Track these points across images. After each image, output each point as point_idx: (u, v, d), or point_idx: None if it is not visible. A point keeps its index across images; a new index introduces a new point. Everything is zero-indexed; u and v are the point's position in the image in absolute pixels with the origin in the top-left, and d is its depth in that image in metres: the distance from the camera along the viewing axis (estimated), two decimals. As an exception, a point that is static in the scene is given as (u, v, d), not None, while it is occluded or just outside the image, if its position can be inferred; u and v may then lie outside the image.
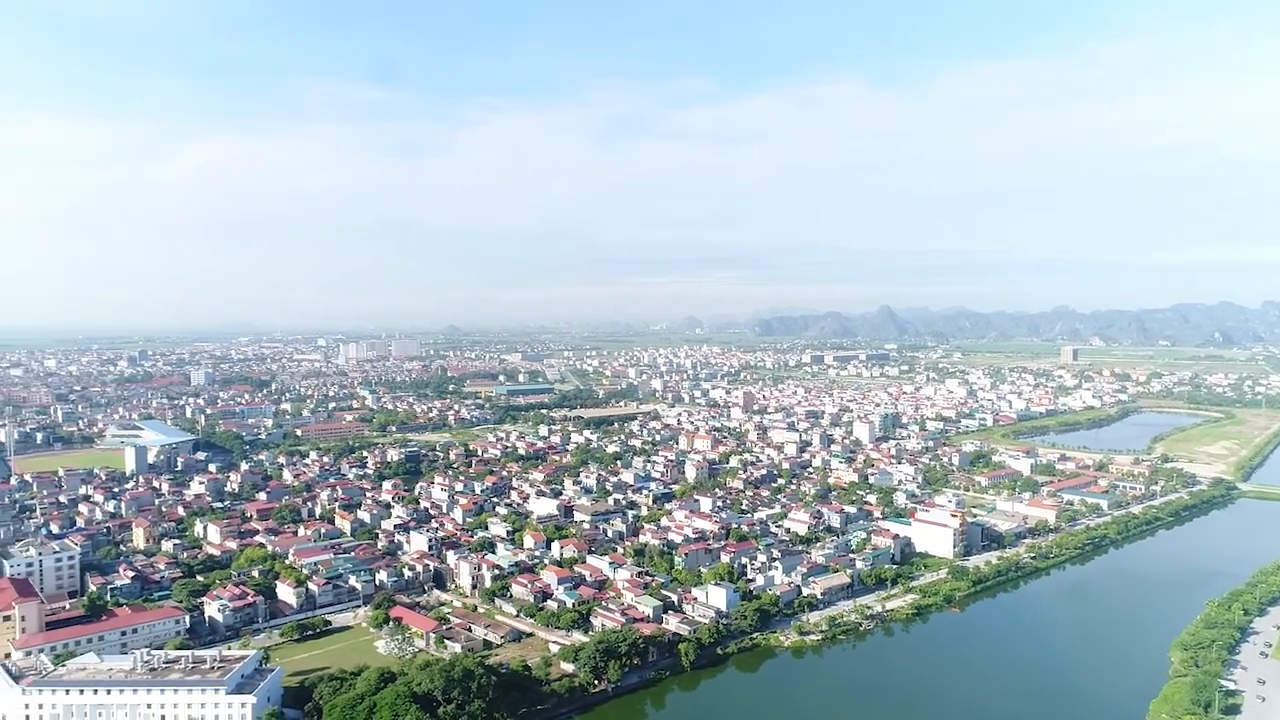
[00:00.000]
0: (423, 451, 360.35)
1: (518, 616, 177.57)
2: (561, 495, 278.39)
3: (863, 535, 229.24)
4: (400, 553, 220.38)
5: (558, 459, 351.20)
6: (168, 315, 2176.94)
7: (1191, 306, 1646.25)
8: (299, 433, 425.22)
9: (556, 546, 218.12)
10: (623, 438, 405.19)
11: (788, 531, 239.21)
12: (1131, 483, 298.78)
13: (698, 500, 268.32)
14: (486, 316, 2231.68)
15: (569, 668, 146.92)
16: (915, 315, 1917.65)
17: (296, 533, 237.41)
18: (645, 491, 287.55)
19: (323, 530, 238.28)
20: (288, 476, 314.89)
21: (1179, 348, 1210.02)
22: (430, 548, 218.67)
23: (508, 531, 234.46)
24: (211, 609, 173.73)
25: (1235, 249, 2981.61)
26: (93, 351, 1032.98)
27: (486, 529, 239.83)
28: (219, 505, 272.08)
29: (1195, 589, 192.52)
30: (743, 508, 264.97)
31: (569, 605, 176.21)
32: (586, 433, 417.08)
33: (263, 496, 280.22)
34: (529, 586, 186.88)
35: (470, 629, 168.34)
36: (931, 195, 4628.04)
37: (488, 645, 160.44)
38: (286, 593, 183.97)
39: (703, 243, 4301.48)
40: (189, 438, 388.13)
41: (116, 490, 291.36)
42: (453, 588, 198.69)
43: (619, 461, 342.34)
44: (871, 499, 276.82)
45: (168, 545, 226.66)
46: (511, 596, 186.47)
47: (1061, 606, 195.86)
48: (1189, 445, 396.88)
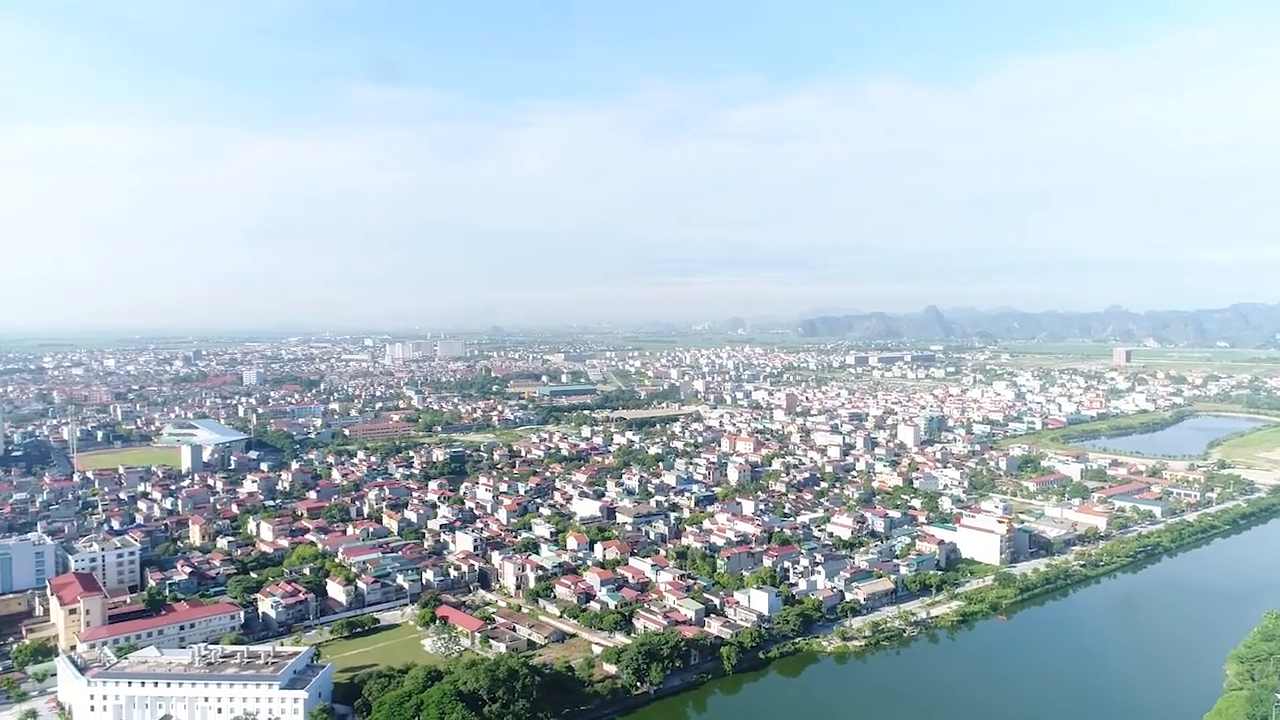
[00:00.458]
0: (467, 452, 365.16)
1: (561, 617, 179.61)
2: (604, 497, 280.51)
3: (907, 540, 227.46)
4: (446, 552, 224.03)
5: (600, 460, 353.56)
6: (220, 315, 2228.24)
7: (1252, 307, 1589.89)
8: (347, 432, 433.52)
9: (599, 548, 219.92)
10: (665, 439, 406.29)
11: (831, 536, 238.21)
12: (1186, 489, 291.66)
13: (740, 503, 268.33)
14: (530, 316, 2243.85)
15: (611, 669, 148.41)
16: (962, 315, 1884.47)
17: (345, 531, 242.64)
18: (687, 494, 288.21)
19: (371, 529, 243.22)
20: (336, 476, 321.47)
21: (1238, 349, 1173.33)
22: (475, 548, 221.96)
23: (551, 532, 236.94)
24: (265, 605, 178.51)
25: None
26: (149, 351, 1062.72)
27: (530, 530, 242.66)
28: (271, 503, 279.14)
29: (1252, 600, 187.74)
30: (785, 511, 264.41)
31: (612, 607, 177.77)
32: (629, 434, 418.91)
33: (313, 495, 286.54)
34: (572, 588, 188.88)
35: (515, 629, 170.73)
36: (979, 193, 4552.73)
37: (532, 645, 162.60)
38: (336, 590, 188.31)
39: (746, 242, 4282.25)
40: (242, 437, 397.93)
41: (173, 488, 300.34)
42: (497, 588, 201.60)
43: (661, 463, 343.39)
44: (916, 504, 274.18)
45: (222, 542, 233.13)
46: (555, 597, 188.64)
47: (1112, 616, 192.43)
48: (1247, 451, 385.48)
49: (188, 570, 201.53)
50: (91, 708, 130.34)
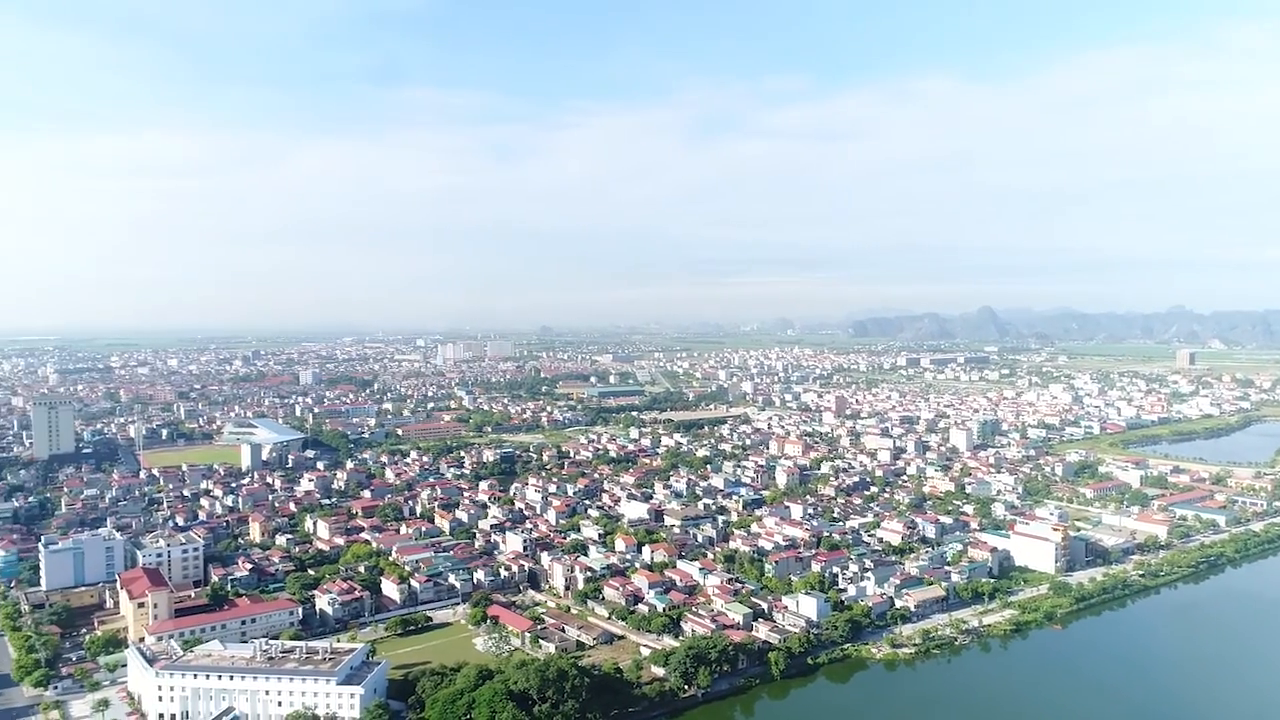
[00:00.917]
0: (517, 453, 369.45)
1: (609, 619, 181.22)
2: (652, 499, 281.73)
3: (959, 547, 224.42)
4: (496, 552, 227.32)
5: (648, 462, 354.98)
6: (277, 316, 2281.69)
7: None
8: (400, 432, 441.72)
9: (647, 550, 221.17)
10: (713, 441, 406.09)
11: (880, 541, 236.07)
12: (1252, 498, 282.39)
13: (788, 507, 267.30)
14: (578, 317, 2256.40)
15: (659, 672, 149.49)
16: (1017, 316, 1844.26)
17: (399, 530, 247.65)
18: (735, 497, 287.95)
19: (423, 529, 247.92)
20: (390, 475, 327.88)
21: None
22: (525, 548, 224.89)
23: (599, 534, 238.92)
24: (322, 602, 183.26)
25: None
26: (210, 351, 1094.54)
27: (579, 531, 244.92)
28: (327, 502, 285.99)
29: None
30: (834, 516, 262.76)
31: (660, 609, 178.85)
32: (677, 436, 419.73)
33: (367, 494, 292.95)
34: (620, 590, 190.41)
35: (564, 630, 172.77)
36: (1034, 191, 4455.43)
37: (580, 646, 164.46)
38: (390, 588, 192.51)
39: (795, 242, 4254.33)
40: (299, 436, 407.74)
41: (234, 485, 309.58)
42: (546, 588, 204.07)
43: (709, 466, 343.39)
44: (968, 509, 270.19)
45: (281, 539, 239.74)
46: (603, 599, 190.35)
47: (1172, 628, 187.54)
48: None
49: (248, 567, 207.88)
50: (159, 698, 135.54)
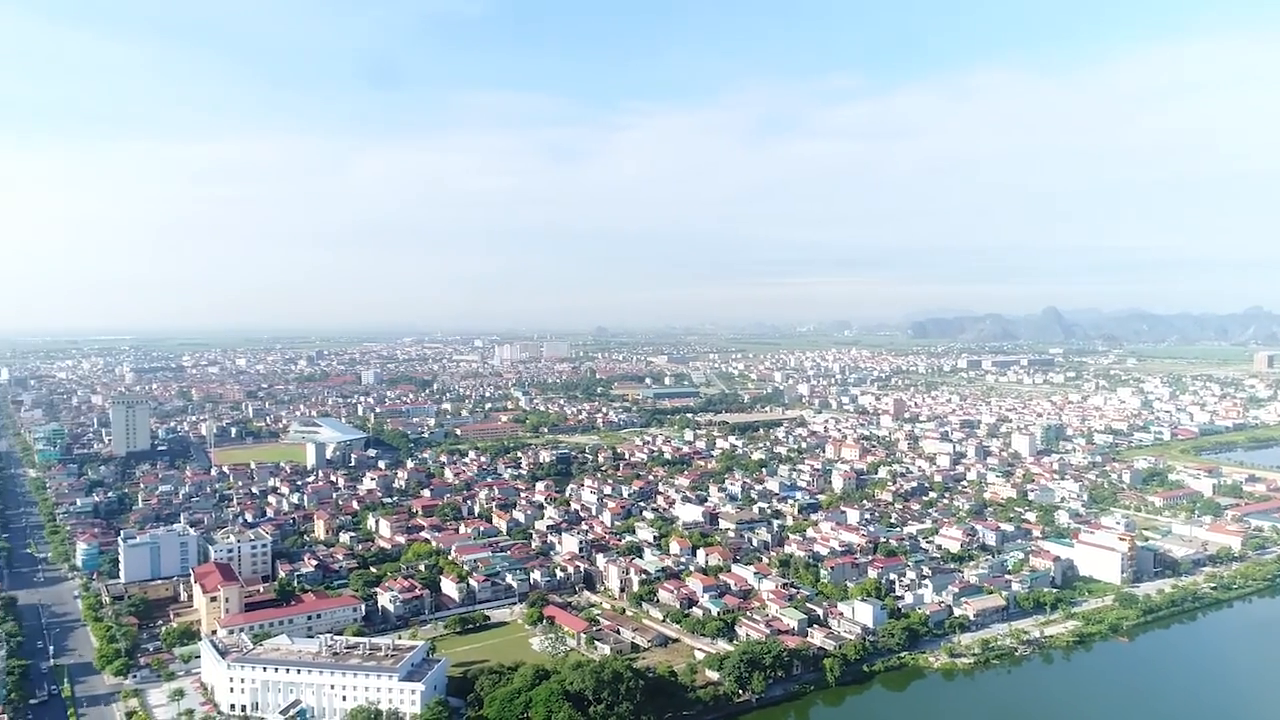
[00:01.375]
0: (573, 454, 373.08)
1: (664, 621, 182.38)
2: (706, 502, 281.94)
3: (1020, 555, 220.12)
4: (553, 553, 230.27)
5: (703, 465, 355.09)
6: (340, 316, 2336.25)
7: None
8: (458, 432, 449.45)
9: (701, 554, 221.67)
10: (768, 444, 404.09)
11: (939, 548, 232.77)
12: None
13: (844, 512, 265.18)
14: (633, 317, 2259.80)
15: (714, 676, 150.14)
16: (1084, 317, 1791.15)
17: (458, 530, 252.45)
18: (790, 501, 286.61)
19: (481, 528, 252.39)
20: (449, 475, 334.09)
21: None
22: (581, 550, 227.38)
23: (654, 536, 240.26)
24: (384, 599, 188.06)
25: None
26: (276, 351, 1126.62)
27: (634, 533, 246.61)
28: (388, 500, 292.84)
29: None
30: (891, 521, 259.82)
31: (714, 613, 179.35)
32: (731, 438, 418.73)
33: (427, 493, 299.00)
34: (675, 593, 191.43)
35: (619, 631, 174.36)
36: (1101, 188, 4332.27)
37: (635, 648, 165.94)
38: (450, 587, 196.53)
39: (853, 242, 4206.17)
40: (361, 435, 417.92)
41: (299, 483, 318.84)
42: (602, 590, 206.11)
43: (764, 469, 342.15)
44: (1030, 517, 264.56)
45: (345, 537, 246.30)
46: (658, 601, 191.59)
47: (1245, 643, 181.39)
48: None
49: (314, 563, 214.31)
50: (230, 689, 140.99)
